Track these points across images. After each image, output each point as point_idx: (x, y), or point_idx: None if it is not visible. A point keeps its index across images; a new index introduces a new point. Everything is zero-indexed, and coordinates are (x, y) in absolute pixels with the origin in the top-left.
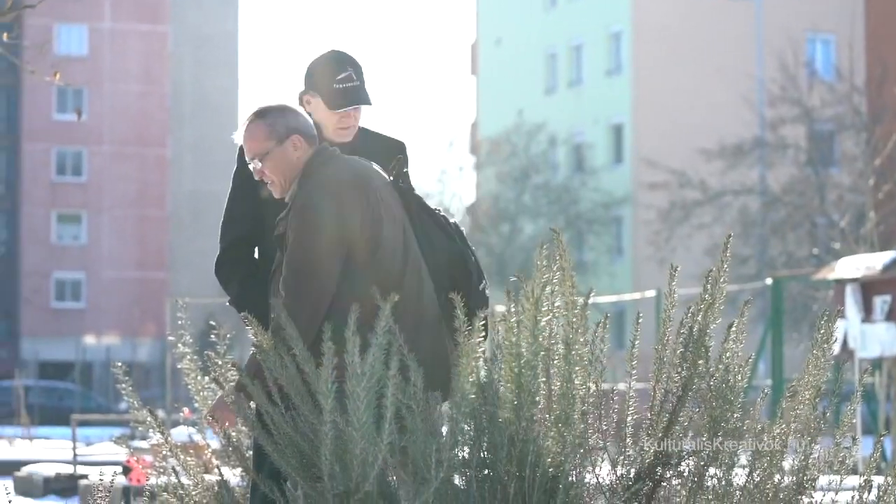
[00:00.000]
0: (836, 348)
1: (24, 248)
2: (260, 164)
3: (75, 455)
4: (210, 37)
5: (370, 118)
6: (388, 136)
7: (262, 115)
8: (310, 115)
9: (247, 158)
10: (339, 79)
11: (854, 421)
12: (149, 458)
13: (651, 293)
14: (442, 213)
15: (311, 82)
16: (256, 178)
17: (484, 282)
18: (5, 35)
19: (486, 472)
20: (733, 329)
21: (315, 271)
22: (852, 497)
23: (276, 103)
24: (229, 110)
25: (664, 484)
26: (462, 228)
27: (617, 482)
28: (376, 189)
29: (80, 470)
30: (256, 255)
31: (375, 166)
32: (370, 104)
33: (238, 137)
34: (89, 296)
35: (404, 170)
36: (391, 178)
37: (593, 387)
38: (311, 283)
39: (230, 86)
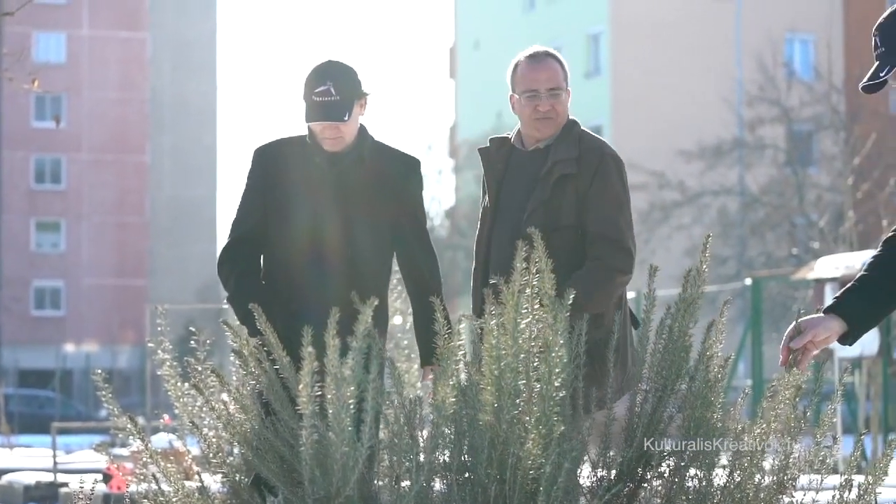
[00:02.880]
0: None
1: (3, 256)
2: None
3: (55, 463)
4: (189, 42)
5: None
6: (403, 153)
7: (558, 59)
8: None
9: (547, 87)
10: (316, 92)
11: (834, 420)
12: (129, 465)
13: (631, 294)
14: None
15: (304, 90)
16: (544, 110)
17: None
18: None
19: (466, 475)
20: (713, 329)
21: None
22: (833, 496)
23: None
24: (208, 115)
25: (645, 485)
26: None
27: (597, 483)
28: None
29: (61, 478)
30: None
31: None
32: (342, 121)
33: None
34: (69, 303)
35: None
36: None
37: (574, 388)
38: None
39: (209, 91)
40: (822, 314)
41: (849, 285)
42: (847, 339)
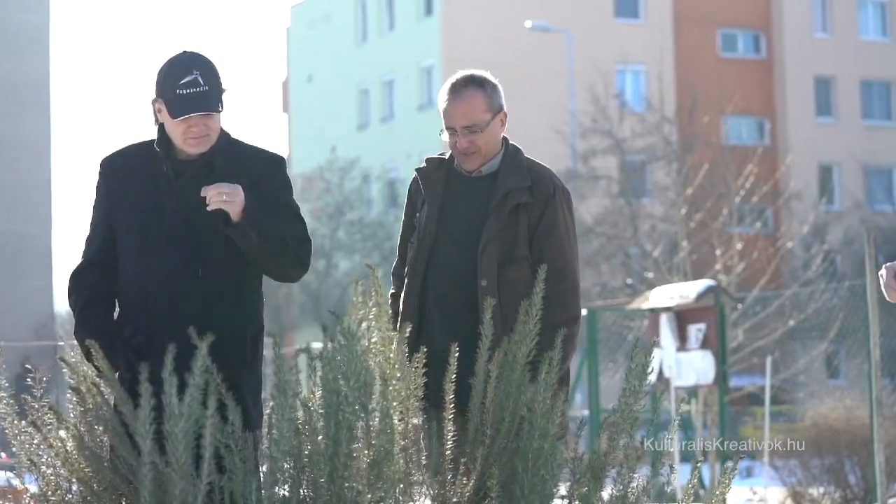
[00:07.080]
0: (652, 377)
1: None
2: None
3: None
4: (22, 81)
5: None
6: (266, 151)
7: (481, 84)
8: (162, 123)
9: (463, 124)
10: (181, 84)
11: (671, 449)
12: None
13: None
14: None
15: (158, 87)
16: (461, 147)
17: None
18: None
19: None
20: (548, 360)
21: None
22: None
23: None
24: (41, 152)
25: None
26: None
27: None
28: None
29: None
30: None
31: None
32: (218, 111)
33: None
34: None
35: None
36: None
37: (413, 422)
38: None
39: (42, 127)
40: None
41: None
42: None
